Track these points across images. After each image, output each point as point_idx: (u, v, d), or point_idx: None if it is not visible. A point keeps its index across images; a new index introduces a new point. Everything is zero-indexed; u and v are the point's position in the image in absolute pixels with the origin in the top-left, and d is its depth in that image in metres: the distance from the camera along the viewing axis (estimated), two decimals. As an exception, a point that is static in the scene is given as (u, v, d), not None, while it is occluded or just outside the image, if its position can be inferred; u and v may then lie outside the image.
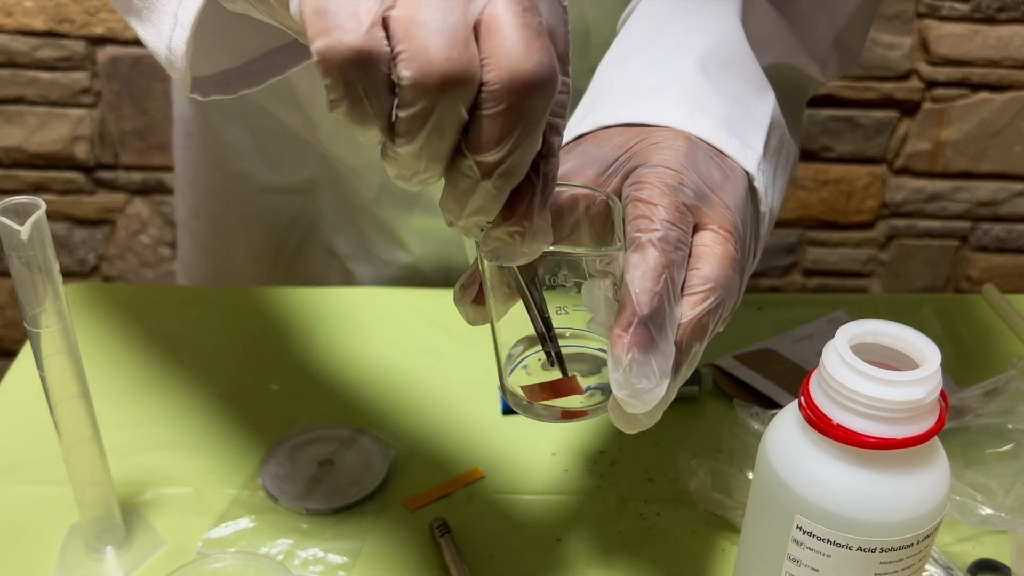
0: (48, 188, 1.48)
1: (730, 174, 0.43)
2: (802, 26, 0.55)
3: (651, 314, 0.37)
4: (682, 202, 0.40)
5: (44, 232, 0.44)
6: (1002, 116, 1.44)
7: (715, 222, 0.41)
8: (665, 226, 0.39)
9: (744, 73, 0.47)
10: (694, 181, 0.41)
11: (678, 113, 0.44)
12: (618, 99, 0.45)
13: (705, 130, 0.44)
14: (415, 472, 0.59)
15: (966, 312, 0.75)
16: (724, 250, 0.40)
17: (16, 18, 1.35)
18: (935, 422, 0.41)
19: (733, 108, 0.45)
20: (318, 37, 0.28)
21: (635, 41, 0.50)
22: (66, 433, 0.50)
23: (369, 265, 0.78)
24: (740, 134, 0.45)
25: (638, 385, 0.37)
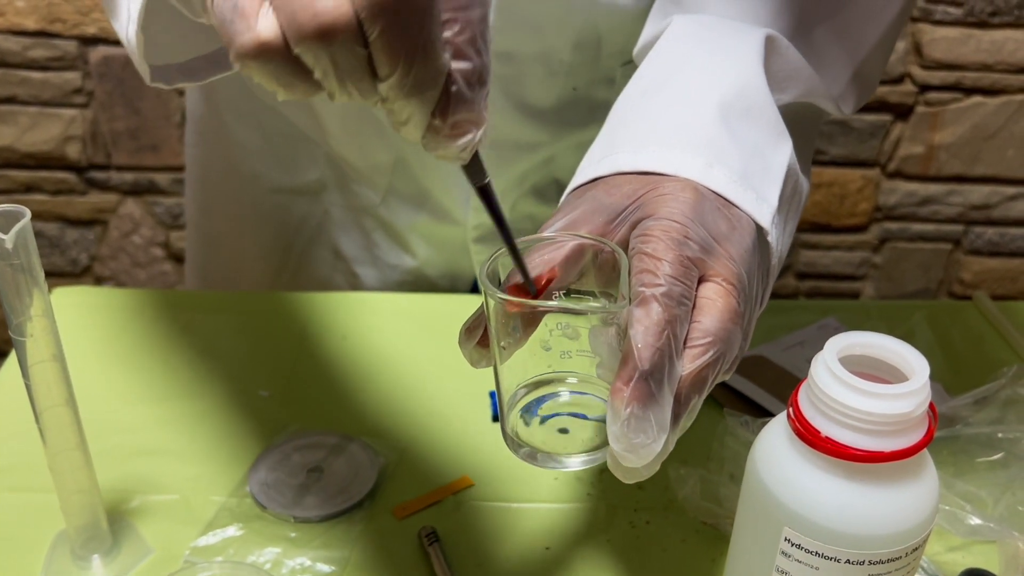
0: (40, 188, 1.47)
1: (736, 225, 0.43)
2: (820, 62, 0.54)
3: (652, 369, 0.37)
4: (687, 256, 0.40)
5: (29, 240, 0.44)
6: (995, 120, 1.45)
7: (719, 275, 0.41)
8: (669, 281, 0.39)
9: (763, 120, 0.47)
10: (700, 234, 0.41)
11: (696, 163, 0.44)
12: (636, 143, 0.45)
13: (721, 183, 0.44)
14: (404, 480, 0.59)
15: (957, 319, 0.75)
16: (726, 303, 0.40)
17: (8, 18, 1.34)
18: (924, 435, 0.41)
19: (751, 159, 0.45)
20: (228, 49, 0.31)
21: (655, 81, 0.49)
22: (51, 441, 0.50)
23: (375, 269, 0.79)
24: (756, 187, 0.45)
25: (635, 440, 0.37)
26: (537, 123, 0.69)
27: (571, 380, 0.42)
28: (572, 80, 0.67)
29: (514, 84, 0.66)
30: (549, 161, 0.73)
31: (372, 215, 0.77)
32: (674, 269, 0.39)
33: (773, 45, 0.51)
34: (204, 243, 0.85)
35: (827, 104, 0.55)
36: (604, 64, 0.67)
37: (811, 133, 0.57)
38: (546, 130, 0.70)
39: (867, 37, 0.56)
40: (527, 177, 0.73)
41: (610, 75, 0.68)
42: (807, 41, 0.54)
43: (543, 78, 0.66)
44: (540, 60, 0.65)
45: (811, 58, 0.53)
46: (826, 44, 0.54)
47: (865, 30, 0.56)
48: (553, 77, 0.66)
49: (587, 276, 0.42)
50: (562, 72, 0.66)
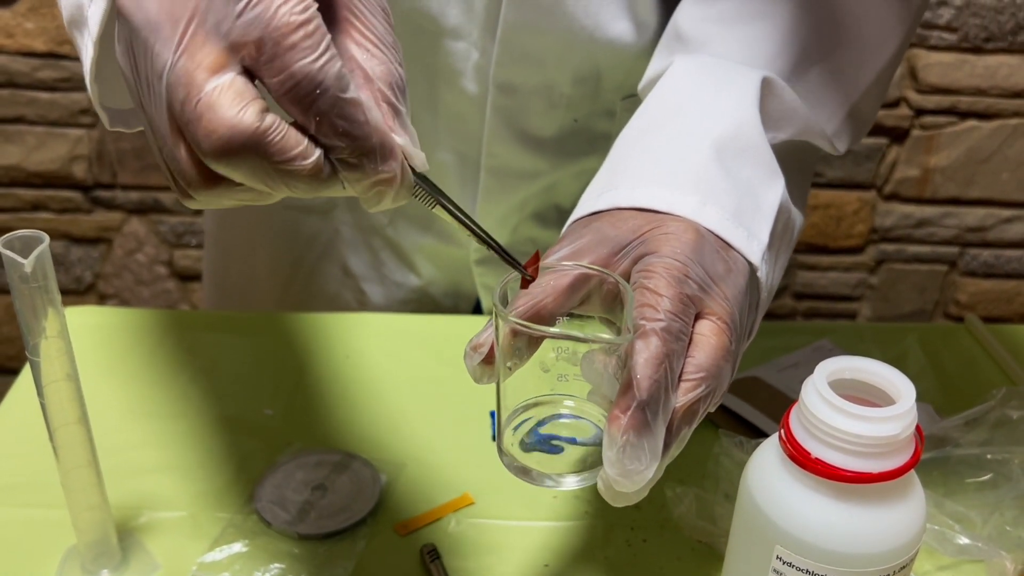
0: (46, 207, 1.49)
1: (733, 267, 0.45)
2: (816, 101, 0.56)
3: (649, 400, 0.39)
4: (686, 294, 0.42)
5: (47, 264, 0.46)
6: (990, 143, 1.46)
7: (715, 313, 0.43)
8: (668, 317, 0.41)
9: (757, 159, 0.49)
10: (699, 274, 0.43)
11: (689, 201, 0.46)
12: (633, 180, 0.47)
13: (714, 222, 0.46)
14: (406, 498, 0.60)
15: (949, 342, 0.76)
16: (719, 341, 0.42)
17: (17, 39, 1.37)
18: (910, 456, 0.43)
19: (743, 198, 0.47)
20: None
21: (655, 120, 0.51)
22: (64, 458, 0.51)
23: (381, 287, 0.81)
24: (748, 225, 0.47)
25: (630, 466, 0.39)
26: (538, 153, 0.70)
27: (568, 403, 0.43)
28: (573, 112, 0.69)
29: (516, 115, 0.67)
30: (550, 188, 0.74)
31: (380, 235, 0.79)
32: (673, 305, 0.41)
33: (769, 87, 0.53)
34: (221, 256, 0.87)
35: (822, 142, 0.57)
36: (604, 97, 0.69)
37: (806, 168, 0.59)
38: (547, 159, 0.71)
39: (862, 77, 0.58)
40: (528, 203, 0.75)
41: (610, 108, 0.70)
42: (803, 81, 0.56)
43: (544, 110, 0.68)
44: (541, 93, 0.66)
45: (807, 97, 0.55)
46: (822, 84, 0.56)
47: (860, 71, 0.58)
48: (554, 109, 0.68)
49: (590, 301, 0.44)
50: (563, 105, 0.68)
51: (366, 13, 0.35)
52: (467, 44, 0.63)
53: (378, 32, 0.35)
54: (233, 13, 0.32)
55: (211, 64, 0.32)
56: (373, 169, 0.34)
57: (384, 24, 0.35)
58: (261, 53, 0.32)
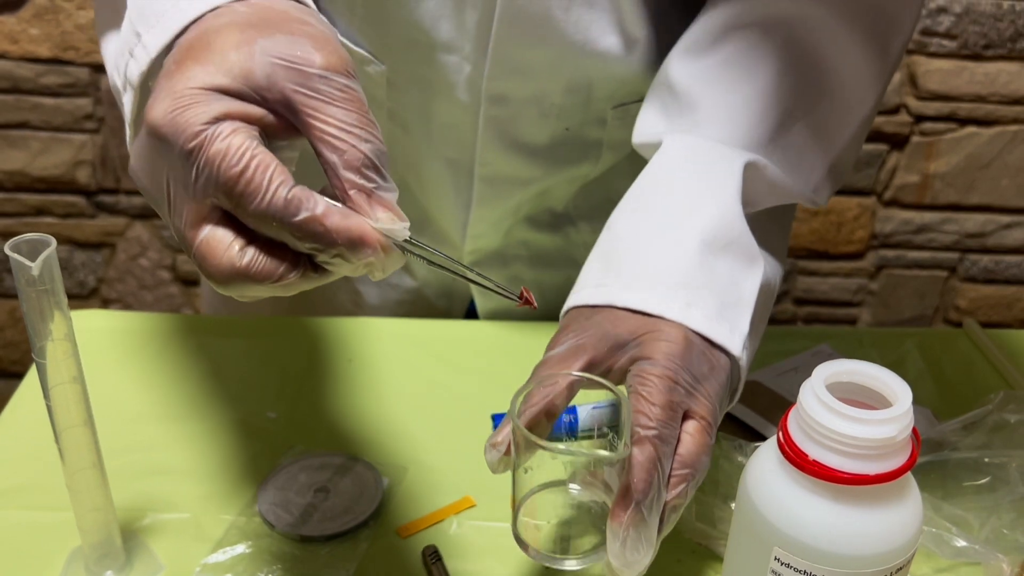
0: (49, 211, 1.50)
1: (716, 364, 0.51)
2: (798, 158, 0.59)
3: (644, 499, 0.45)
4: (675, 401, 0.48)
5: (54, 268, 0.46)
6: (989, 150, 1.47)
7: (698, 412, 0.49)
8: (660, 425, 0.47)
9: (738, 251, 0.54)
10: (686, 379, 0.49)
11: (677, 304, 0.51)
12: (627, 280, 0.52)
13: (699, 323, 0.51)
14: (408, 500, 0.61)
15: (948, 346, 0.77)
16: (702, 438, 0.48)
17: (22, 45, 1.37)
18: (907, 459, 0.43)
19: (726, 293, 0.52)
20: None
21: (645, 212, 0.55)
22: (70, 460, 0.52)
23: (376, 288, 0.81)
24: (730, 319, 0.52)
25: (631, 557, 0.45)
26: (530, 160, 0.71)
27: (573, 487, 0.49)
28: (564, 121, 0.69)
29: (508, 124, 0.68)
30: (543, 193, 0.75)
31: None
32: (664, 413, 0.47)
33: (752, 169, 0.56)
34: None
35: (802, 200, 0.61)
36: (595, 107, 0.69)
37: (785, 220, 0.63)
38: (540, 167, 0.72)
39: (843, 133, 0.61)
40: (521, 207, 0.75)
41: (602, 116, 0.71)
42: (787, 137, 0.59)
43: (536, 119, 0.68)
44: (533, 103, 0.67)
45: (790, 154, 0.58)
46: (804, 140, 0.59)
47: (841, 126, 0.60)
48: (545, 118, 0.68)
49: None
50: (554, 114, 0.68)
51: (324, 106, 0.38)
52: (459, 58, 0.64)
53: (338, 120, 0.38)
54: (191, 178, 0.37)
55: (192, 220, 0.38)
56: (351, 261, 0.39)
57: (345, 107, 0.38)
58: (224, 202, 0.38)
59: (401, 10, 0.63)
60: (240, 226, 0.39)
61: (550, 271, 0.80)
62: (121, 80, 0.45)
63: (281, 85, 0.38)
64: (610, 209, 0.78)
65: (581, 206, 0.78)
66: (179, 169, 0.38)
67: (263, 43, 0.38)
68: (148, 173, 0.39)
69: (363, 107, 0.39)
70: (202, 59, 0.38)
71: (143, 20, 0.42)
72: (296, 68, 0.38)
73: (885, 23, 0.59)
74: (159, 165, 0.39)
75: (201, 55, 0.38)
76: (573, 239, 0.79)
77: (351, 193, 0.39)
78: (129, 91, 0.44)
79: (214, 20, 0.40)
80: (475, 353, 0.74)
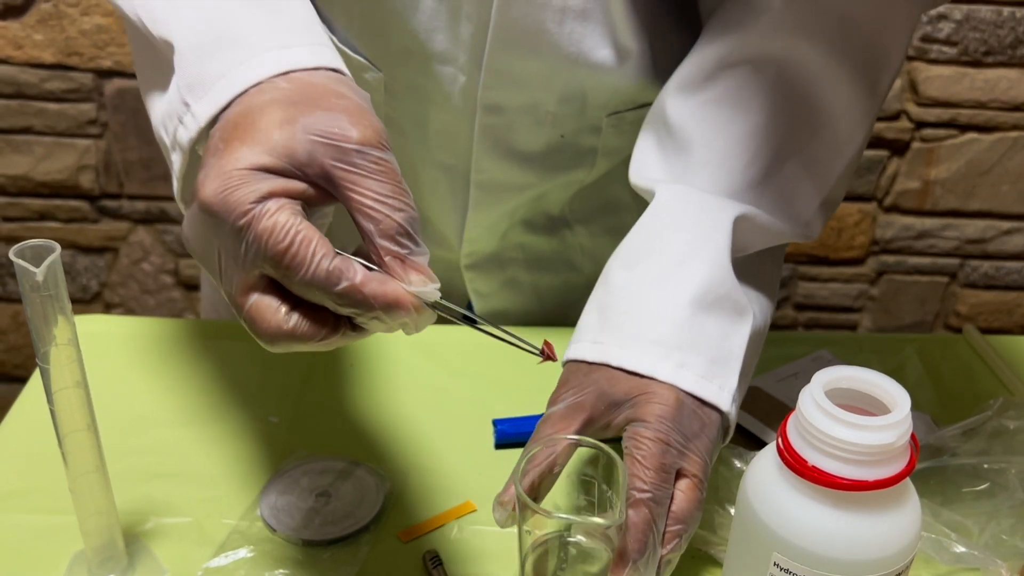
0: (53, 216, 1.50)
1: (706, 422, 0.54)
2: (789, 196, 0.60)
3: (641, 558, 0.49)
4: (668, 463, 0.51)
5: (58, 274, 0.46)
6: (989, 156, 1.47)
7: (690, 471, 0.52)
8: (654, 487, 0.50)
9: (728, 307, 0.56)
10: (678, 440, 0.52)
11: (668, 365, 0.54)
12: (622, 339, 0.55)
13: (690, 383, 0.54)
14: (409, 504, 0.61)
15: (947, 352, 0.77)
16: (694, 495, 0.52)
17: (26, 51, 1.38)
18: (906, 465, 0.43)
19: (716, 351, 0.55)
20: None
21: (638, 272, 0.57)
22: (73, 464, 0.52)
23: None
24: (720, 377, 0.55)
25: None
26: (526, 167, 0.72)
27: (573, 539, 0.51)
28: (559, 129, 0.70)
29: (503, 132, 0.69)
30: (539, 198, 0.76)
31: None
32: (658, 476, 0.50)
33: (743, 222, 0.58)
34: None
35: (795, 239, 0.62)
36: (590, 114, 0.70)
37: (779, 253, 0.64)
38: (535, 173, 0.72)
39: (834, 168, 0.61)
40: (517, 211, 0.76)
41: (596, 124, 0.71)
42: (780, 174, 0.60)
43: (531, 126, 0.69)
44: (527, 112, 0.68)
45: (782, 192, 0.60)
46: (797, 176, 0.60)
47: (833, 161, 0.61)
48: (540, 126, 0.69)
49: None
50: (549, 122, 0.69)
51: (361, 179, 0.41)
52: (454, 68, 0.65)
53: (374, 192, 0.41)
54: (241, 252, 0.40)
55: (242, 288, 0.41)
56: (388, 322, 0.42)
57: (379, 179, 0.41)
58: (271, 272, 0.41)
59: (396, 21, 0.64)
60: (285, 292, 0.42)
61: (547, 274, 0.81)
62: (170, 140, 0.47)
63: (321, 161, 0.41)
64: (606, 213, 0.79)
65: (577, 210, 0.78)
66: (230, 243, 0.41)
67: (304, 121, 0.41)
68: (200, 244, 0.43)
69: (396, 177, 0.42)
70: (248, 139, 0.41)
71: (191, 91, 0.45)
72: (334, 144, 0.41)
73: (874, 60, 0.60)
74: (211, 238, 0.42)
75: (247, 135, 0.41)
76: (569, 242, 0.80)
77: (386, 259, 0.42)
78: (178, 151, 0.47)
79: (258, 97, 0.42)
80: (476, 358, 0.74)
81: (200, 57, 0.45)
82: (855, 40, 0.59)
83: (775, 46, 0.59)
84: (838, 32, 0.58)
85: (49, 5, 1.35)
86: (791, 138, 0.60)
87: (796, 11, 0.59)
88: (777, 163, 0.60)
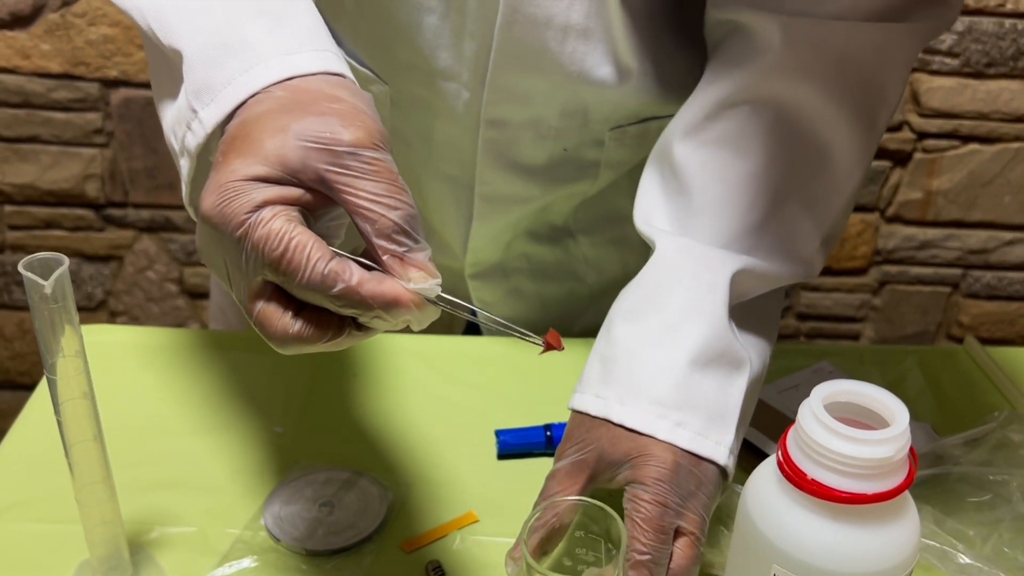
0: (59, 224, 1.51)
1: (703, 478, 0.55)
2: (789, 236, 0.61)
3: None
4: (666, 524, 0.52)
5: (66, 286, 0.47)
6: (991, 167, 1.48)
7: (687, 529, 0.53)
8: (652, 549, 0.52)
9: (725, 360, 0.57)
10: (675, 501, 0.53)
11: (665, 426, 0.55)
12: (621, 396, 0.57)
13: (686, 441, 0.55)
14: (412, 515, 0.62)
15: (948, 364, 0.77)
16: (691, 552, 0.53)
17: (33, 60, 1.39)
18: (904, 478, 0.44)
19: (712, 407, 0.56)
20: None
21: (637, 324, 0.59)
22: (79, 474, 0.52)
23: None
24: (716, 433, 0.56)
25: None
26: (529, 180, 0.72)
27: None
28: (562, 143, 0.70)
29: (506, 146, 0.69)
30: (543, 209, 0.76)
31: None
32: (656, 537, 0.52)
33: (742, 275, 0.59)
34: None
35: (795, 280, 0.63)
36: (592, 128, 0.71)
37: (779, 295, 0.65)
38: (539, 186, 0.73)
39: (835, 205, 0.62)
40: (521, 222, 0.76)
41: (599, 138, 0.72)
42: (779, 217, 0.60)
43: (533, 140, 0.70)
44: (530, 126, 0.68)
45: (782, 233, 0.60)
46: (798, 215, 0.61)
47: (833, 198, 0.62)
48: (543, 140, 0.70)
49: None
50: (551, 136, 0.70)
51: (354, 180, 0.42)
52: (458, 85, 0.66)
53: (368, 193, 0.42)
54: (242, 260, 0.42)
55: (249, 295, 0.43)
56: (390, 320, 0.43)
57: (373, 179, 0.42)
58: (273, 278, 0.42)
59: (401, 37, 0.65)
60: (290, 297, 0.42)
61: (551, 284, 0.81)
62: (179, 146, 0.48)
63: (314, 166, 0.42)
64: (609, 224, 0.80)
65: (581, 221, 0.79)
66: (232, 253, 0.42)
67: (295, 128, 0.42)
68: (208, 255, 0.44)
69: (391, 176, 0.42)
70: (243, 151, 0.42)
71: (198, 97, 0.46)
72: (326, 148, 0.41)
73: (872, 98, 0.60)
74: (216, 249, 0.43)
75: (242, 147, 0.42)
76: (573, 252, 0.80)
77: (385, 258, 0.42)
78: (186, 157, 0.48)
79: (255, 108, 0.43)
80: (479, 369, 0.75)
81: (207, 64, 0.45)
82: (853, 79, 0.59)
83: (775, 87, 0.60)
84: (837, 71, 0.59)
85: (56, 16, 1.36)
86: (791, 178, 0.61)
87: (796, 51, 0.59)
88: (777, 205, 0.60)
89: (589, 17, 0.62)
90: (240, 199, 0.41)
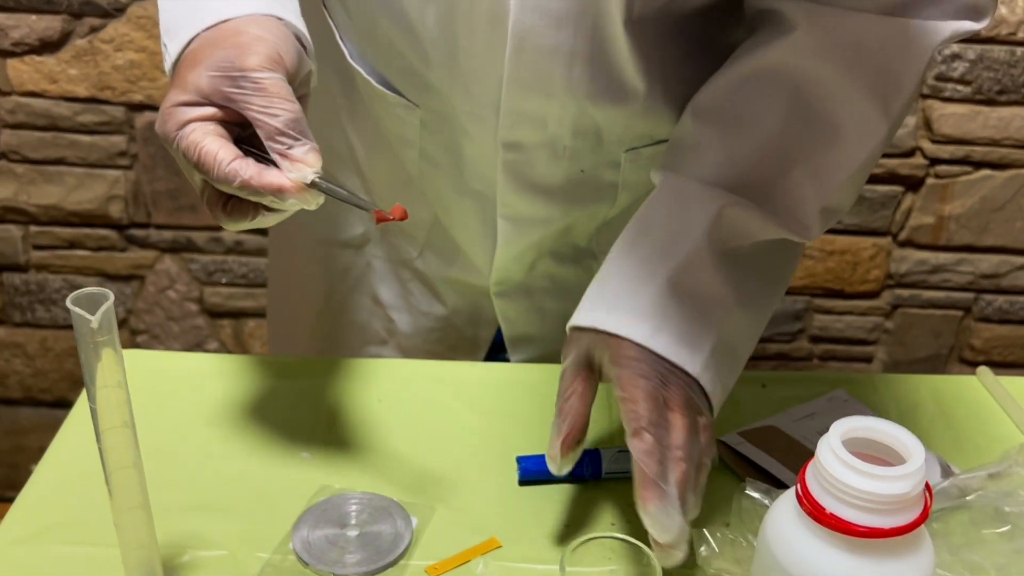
0: (82, 244, 1.53)
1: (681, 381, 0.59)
2: (793, 198, 0.64)
3: (656, 475, 0.55)
4: (651, 391, 0.57)
5: (111, 319, 0.49)
6: (1003, 193, 1.49)
7: (674, 403, 0.58)
8: (648, 412, 0.56)
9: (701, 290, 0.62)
10: (654, 373, 0.58)
11: (644, 328, 0.60)
12: (608, 306, 0.62)
13: (662, 346, 0.60)
14: (436, 540, 0.63)
15: (961, 394, 0.78)
16: (684, 422, 0.57)
17: (60, 85, 1.42)
18: (920, 513, 0.45)
19: (688, 323, 0.60)
20: None
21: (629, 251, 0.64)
22: (118, 499, 0.54)
23: (409, 315, 0.85)
24: (689, 344, 0.60)
25: (665, 522, 0.54)
26: (549, 201, 0.75)
27: None
28: (578, 163, 0.73)
29: (524, 168, 0.72)
30: (565, 231, 0.78)
31: (409, 267, 0.84)
32: (647, 403, 0.57)
33: (733, 212, 0.63)
34: (270, 290, 1.00)
35: (790, 235, 0.65)
36: (607, 149, 0.73)
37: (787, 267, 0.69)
38: (558, 207, 0.76)
39: (837, 177, 0.65)
40: (544, 242, 0.79)
41: (615, 160, 0.74)
42: (785, 178, 0.64)
43: (549, 161, 0.72)
44: (545, 147, 0.71)
45: (784, 190, 0.64)
46: (801, 183, 0.64)
47: (837, 171, 0.65)
48: (559, 160, 0.72)
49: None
50: (567, 156, 0.72)
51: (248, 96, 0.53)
52: (474, 110, 0.69)
53: (257, 105, 0.53)
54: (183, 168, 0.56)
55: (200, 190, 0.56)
56: (281, 204, 0.54)
57: (260, 94, 0.53)
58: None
59: (419, 71, 0.69)
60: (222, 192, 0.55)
61: (574, 303, 0.82)
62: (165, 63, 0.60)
63: (220, 90, 0.53)
64: None
65: (604, 242, 0.81)
66: (180, 162, 0.55)
67: (206, 61, 0.54)
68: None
69: (276, 90, 0.53)
70: (175, 83, 0.55)
71: (167, 33, 0.58)
72: (225, 75, 0.53)
73: (886, 85, 0.64)
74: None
75: (176, 80, 0.55)
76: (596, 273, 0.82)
77: (274, 156, 0.53)
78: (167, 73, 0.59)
79: (193, 46, 0.56)
80: (502, 396, 0.76)
81: (177, 5, 0.58)
82: (869, 64, 0.64)
83: (794, 63, 0.64)
84: (854, 55, 0.64)
85: (84, 41, 1.39)
86: (800, 148, 0.64)
87: (816, 34, 0.64)
88: (783, 169, 0.64)
89: (594, 43, 0.65)
90: (171, 120, 0.53)
